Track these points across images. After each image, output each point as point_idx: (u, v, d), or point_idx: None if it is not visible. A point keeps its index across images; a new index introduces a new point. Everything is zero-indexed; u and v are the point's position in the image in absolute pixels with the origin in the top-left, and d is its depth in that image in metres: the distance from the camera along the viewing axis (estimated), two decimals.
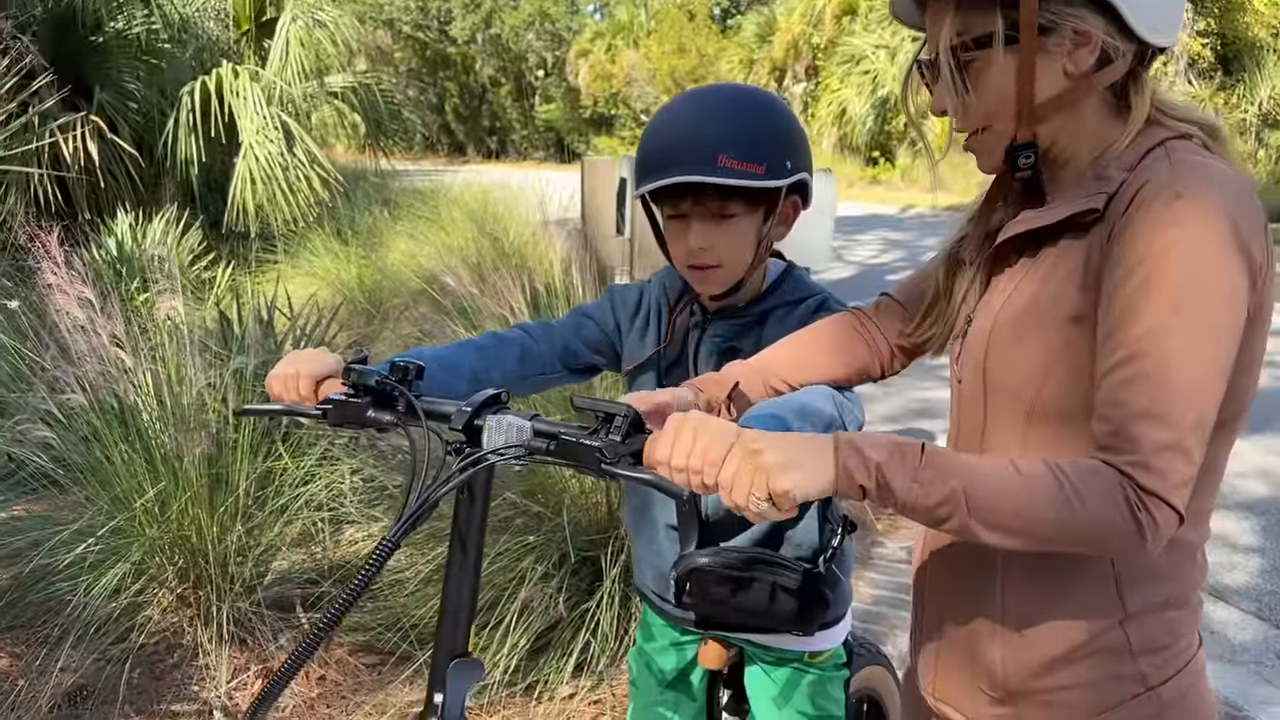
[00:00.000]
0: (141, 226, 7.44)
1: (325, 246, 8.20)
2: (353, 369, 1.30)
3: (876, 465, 0.98)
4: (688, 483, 1.02)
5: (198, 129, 8.66)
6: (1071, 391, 1.09)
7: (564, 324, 1.70)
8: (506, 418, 1.16)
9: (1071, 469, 0.98)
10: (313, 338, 4.39)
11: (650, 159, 1.48)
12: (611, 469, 1.07)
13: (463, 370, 1.54)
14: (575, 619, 2.93)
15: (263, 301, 4.23)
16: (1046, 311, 1.10)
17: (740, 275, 1.53)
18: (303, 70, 9.30)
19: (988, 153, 1.18)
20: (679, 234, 1.53)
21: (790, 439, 1.00)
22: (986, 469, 1.00)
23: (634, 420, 1.09)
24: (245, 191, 8.76)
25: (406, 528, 1.07)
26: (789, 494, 0.96)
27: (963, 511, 0.98)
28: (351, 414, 1.29)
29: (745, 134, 1.43)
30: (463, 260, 6.55)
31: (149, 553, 2.94)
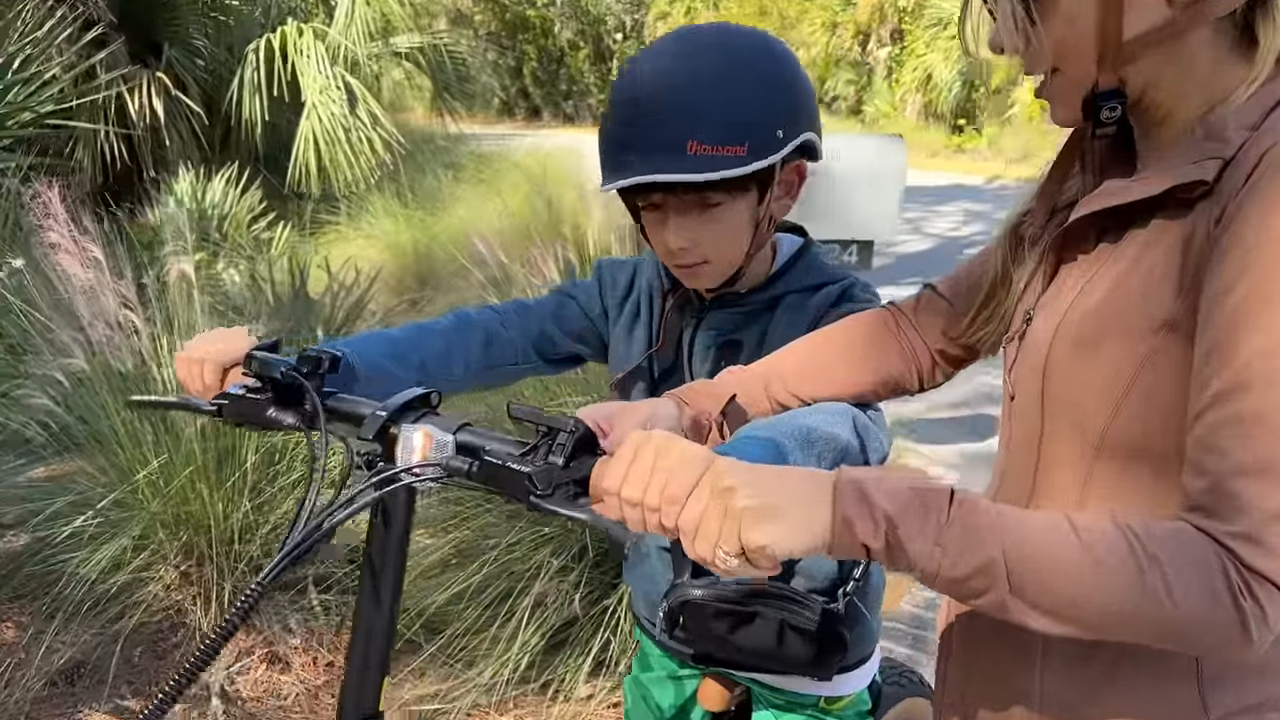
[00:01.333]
0: (202, 185, 7.41)
1: (386, 209, 8.09)
2: (254, 356, 1.09)
3: (887, 518, 0.74)
4: (642, 523, 0.79)
5: (262, 88, 8.60)
6: (1155, 423, 0.82)
7: (542, 305, 1.46)
8: (424, 427, 0.95)
9: (1153, 538, 0.73)
10: (349, 298, 4.22)
11: (608, 147, 1.22)
12: (541, 503, 0.84)
13: (412, 360, 1.32)
14: (595, 615, 2.72)
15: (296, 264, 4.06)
16: (1128, 314, 0.84)
17: (735, 266, 1.28)
18: (368, 29, 9.16)
19: (1062, 100, 0.91)
20: (656, 228, 1.27)
21: (775, 476, 0.77)
22: (1036, 532, 0.74)
23: (582, 438, 0.87)
24: (308, 152, 8.68)
25: (283, 565, 0.85)
26: (766, 550, 0.74)
27: (1001, 587, 0.74)
28: (249, 411, 1.09)
29: (720, 107, 1.15)
30: (517, 226, 6.37)
31: (151, 527, 2.81)
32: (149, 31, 8.50)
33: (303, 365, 1.06)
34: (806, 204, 1.33)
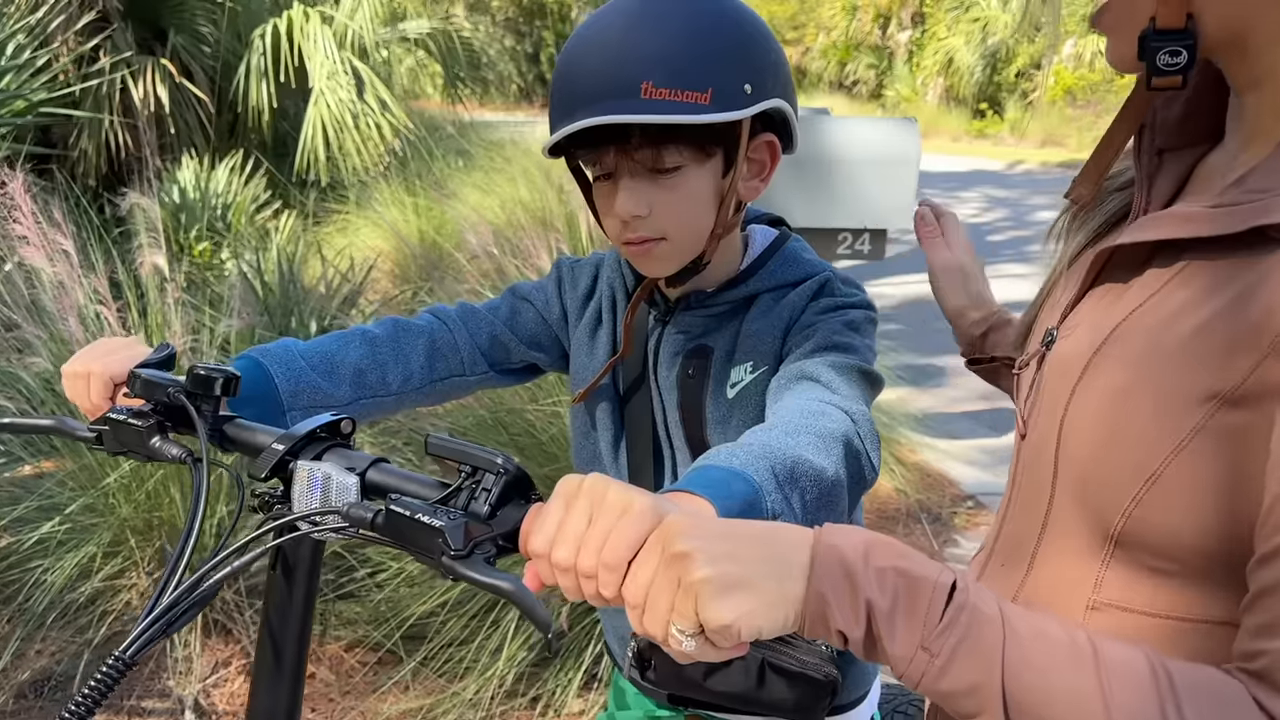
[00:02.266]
0: (206, 173, 7.30)
1: (394, 197, 7.96)
2: (138, 375, 0.95)
3: (869, 606, 0.60)
4: (577, 591, 0.64)
5: (269, 74, 8.48)
6: (1191, 516, 0.64)
7: (493, 310, 1.30)
8: (325, 465, 0.80)
9: (1192, 695, 0.57)
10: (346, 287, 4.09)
11: (555, 103, 1.07)
12: (455, 566, 0.69)
13: (343, 370, 1.17)
14: (586, 628, 2.58)
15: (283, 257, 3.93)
16: (1174, 371, 0.65)
17: (695, 250, 1.12)
18: (377, 14, 9.02)
19: (1116, 32, 0.74)
20: (607, 199, 1.11)
21: (738, 537, 0.62)
22: (1048, 652, 0.59)
23: (512, 481, 0.73)
24: (316, 139, 8.56)
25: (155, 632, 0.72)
26: (730, 629, 0.59)
27: (995, 716, 0.59)
28: (130, 439, 0.93)
29: (678, 51, 1.00)
30: (527, 214, 6.22)
31: (121, 533, 2.69)
32: (155, 19, 8.40)
33: (193, 386, 0.92)
34: (815, 191, 1.20)
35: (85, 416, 1.04)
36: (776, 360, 1.15)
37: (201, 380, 0.91)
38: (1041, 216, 12.16)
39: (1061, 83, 21.33)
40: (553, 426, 2.88)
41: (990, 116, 23.62)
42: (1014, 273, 8.66)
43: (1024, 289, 7.96)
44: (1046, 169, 18.00)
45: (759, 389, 1.14)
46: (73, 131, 7.55)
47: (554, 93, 1.08)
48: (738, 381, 1.17)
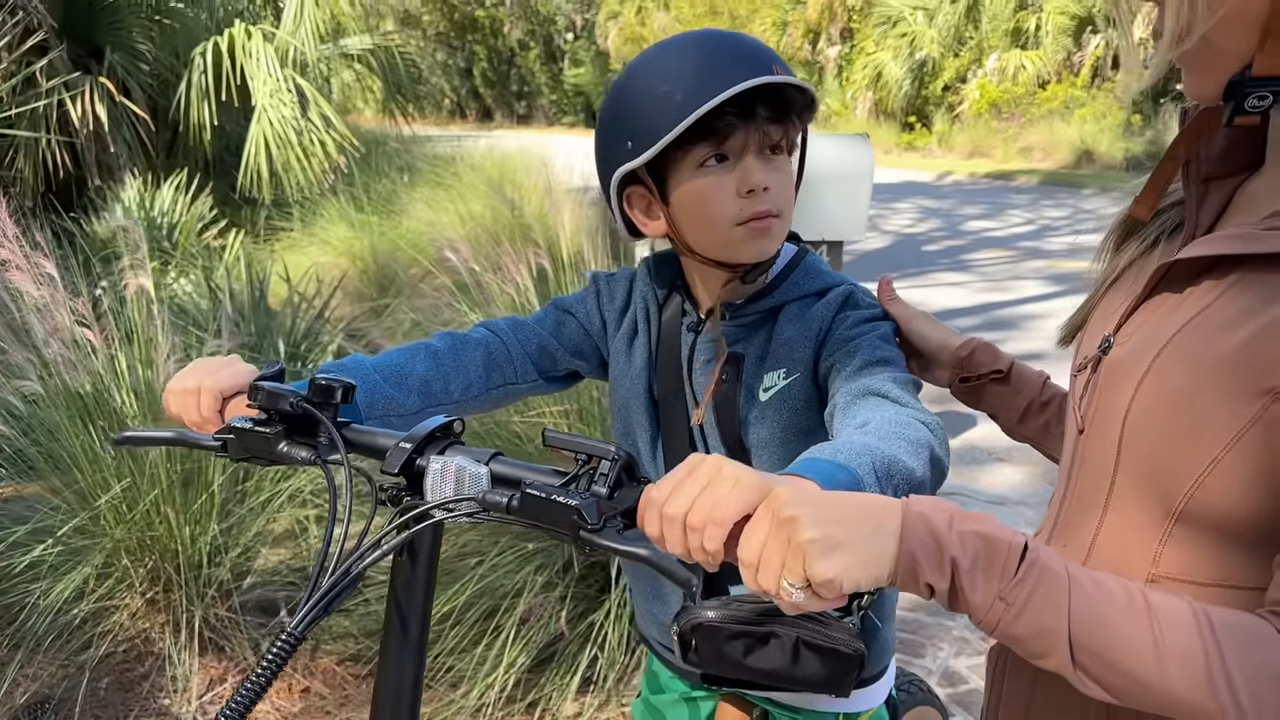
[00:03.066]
0: (151, 193, 7.21)
1: (341, 214, 7.93)
2: (260, 387, 1.01)
3: (954, 563, 0.69)
4: (682, 543, 0.74)
5: (210, 92, 8.40)
6: (1248, 497, 0.74)
7: (539, 322, 1.40)
8: (456, 459, 0.90)
9: (1230, 637, 0.68)
10: (311, 310, 4.11)
11: (668, 96, 1.12)
12: (593, 538, 0.79)
13: (412, 381, 1.26)
14: (582, 632, 2.66)
15: (256, 274, 3.93)
16: (1235, 371, 0.74)
17: (787, 230, 1.25)
18: (318, 31, 8.99)
19: (1204, 70, 0.79)
20: (722, 182, 1.17)
21: (840, 504, 0.71)
22: (1107, 606, 0.69)
23: (625, 465, 0.83)
24: (259, 156, 8.50)
25: (317, 612, 0.80)
26: (834, 582, 0.69)
27: (1063, 655, 0.69)
28: (257, 446, 1.01)
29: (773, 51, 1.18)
30: (479, 229, 6.27)
31: (115, 554, 2.69)
32: (91, 37, 8.26)
33: (315, 395, 0.99)
34: None
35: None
36: (807, 367, 1.24)
37: (323, 389, 0.99)
38: (973, 226, 12.52)
39: (986, 96, 21.94)
40: (538, 436, 2.95)
41: (919, 129, 24.19)
42: (950, 281, 8.92)
43: (961, 296, 8.23)
44: (974, 179, 18.51)
45: (792, 393, 1.24)
46: (8, 152, 7.39)
47: (657, 95, 1.14)
48: (771, 386, 1.26)
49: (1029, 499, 4.17)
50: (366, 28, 10.46)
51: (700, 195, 1.19)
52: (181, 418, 1.14)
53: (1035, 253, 10.35)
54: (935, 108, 24.15)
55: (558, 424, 2.97)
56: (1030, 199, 15.14)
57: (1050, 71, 21.52)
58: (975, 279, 9.05)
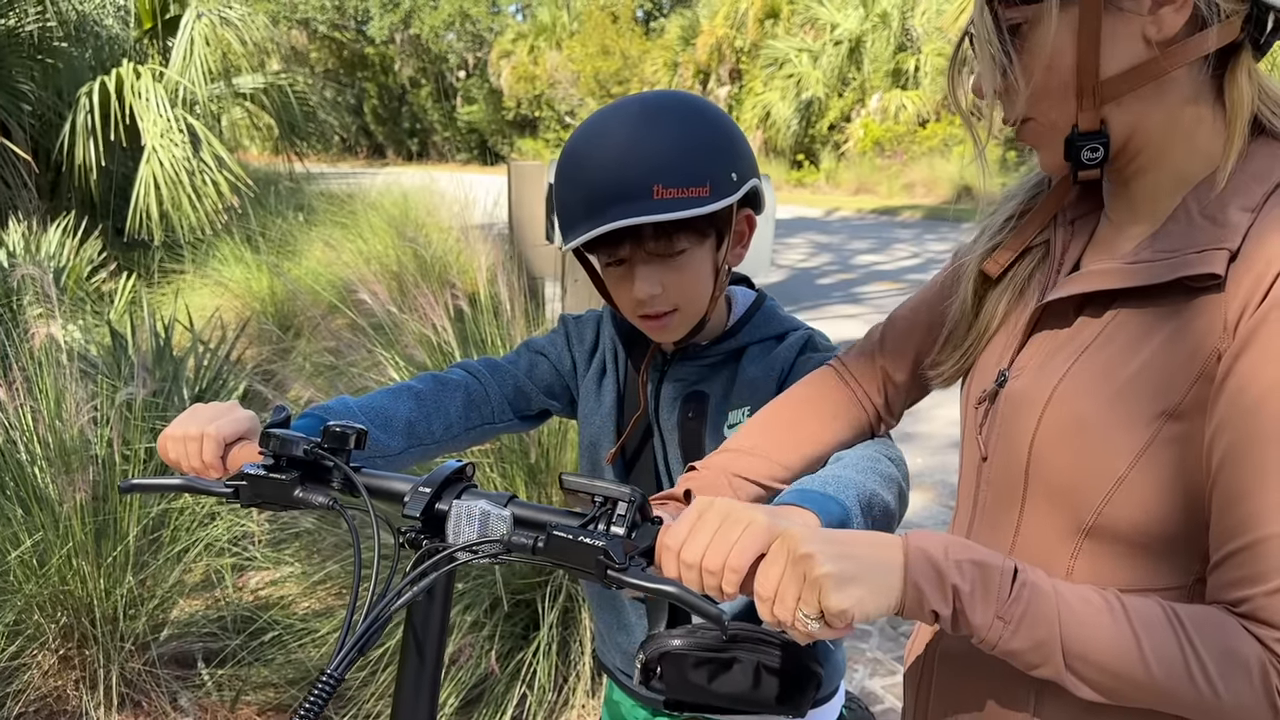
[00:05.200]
0: (36, 237, 6.96)
1: (235, 255, 7.78)
2: (273, 434, 1.03)
3: (955, 590, 0.77)
4: (700, 585, 0.82)
5: (97, 132, 8.17)
6: (1152, 509, 0.84)
7: (513, 363, 1.47)
8: (479, 503, 0.93)
9: (1199, 630, 0.77)
10: (216, 358, 4.05)
11: (571, 206, 1.24)
12: (621, 577, 0.83)
13: (397, 423, 1.30)
14: (510, 671, 2.68)
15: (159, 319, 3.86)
16: (1128, 400, 0.84)
17: (701, 313, 1.31)
18: (209, 70, 8.84)
19: (1044, 144, 0.91)
20: (622, 282, 1.29)
21: (849, 541, 0.79)
22: (1093, 612, 0.78)
23: (641, 507, 0.88)
24: (149, 197, 8.28)
25: (354, 654, 0.82)
26: (846, 613, 0.75)
27: (1056, 663, 0.78)
28: (272, 493, 1.03)
29: (678, 153, 1.19)
30: (382, 269, 6.24)
31: (26, 610, 2.61)
32: None
33: (329, 441, 1.02)
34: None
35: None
36: None
37: (336, 435, 1.02)
38: (862, 260, 12.96)
39: (870, 134, 22.77)
40: None
41: (807, 167, 24.94)
42: (844, 313, 9.23)
43: (855, 328, 8.51)
44: (861, 215, 19.14)
45: None
46: None
47: (567, 197, 1.24)
48: (735, 423, 1.33)
49: (926, 521, 4.36)
50: (256, 66, 10.32)
51: (608, 285, 1.33)
52: (180, 464, 1.15)
53: (922, 284, 10.76)
54: (822, 146, 24.94)
55: (481, 463, 3.01)
56: (915, 233, 15.75)
57: (930, 110, 22.44)
58: (868, 310, 9.38)
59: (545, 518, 0.91)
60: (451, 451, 1.43)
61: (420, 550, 0.93)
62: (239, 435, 1.16)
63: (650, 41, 34.08)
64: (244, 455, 1.14)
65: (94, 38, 9.68)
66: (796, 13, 26.28)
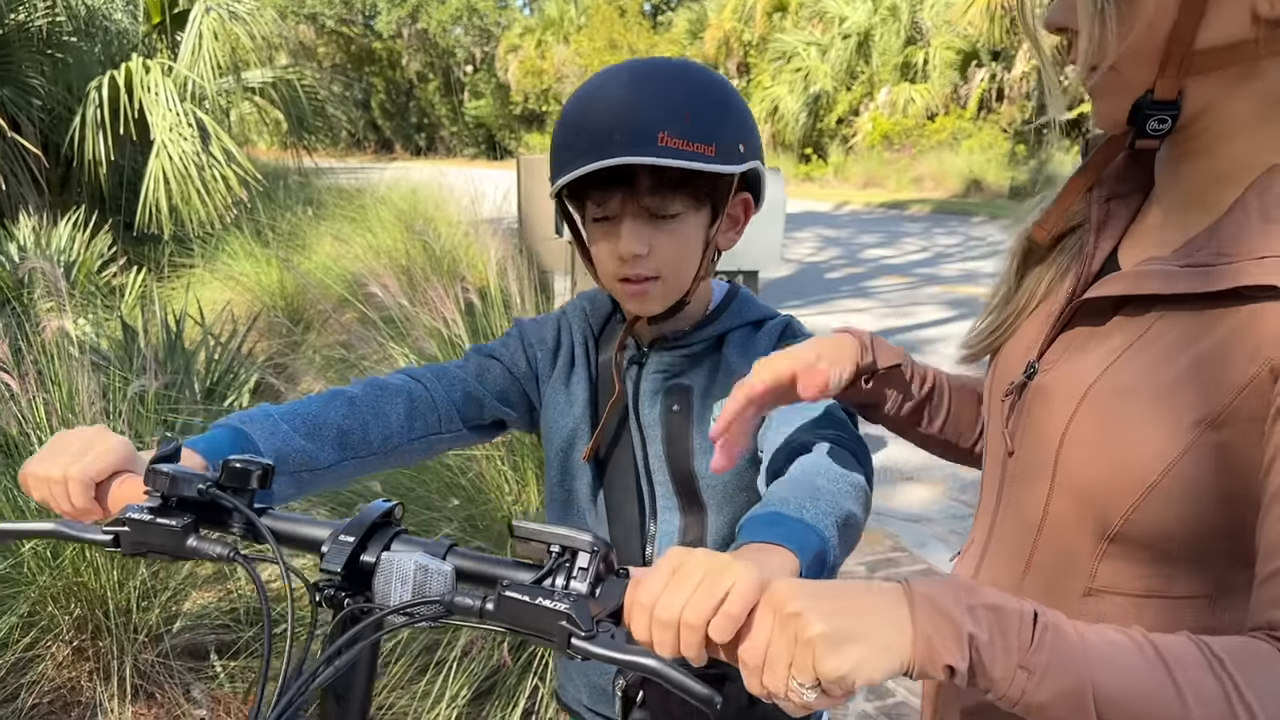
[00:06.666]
0: (47, 231, 6.99)
1: (244, 249, 7.79)
2: (160, 472, 0.86)
3: (971, 638, 0.68)
4: (674, 647, 0.69)
5: (107, 126, 8.19)
6: (1183, 517, 0.79)
7: (463, 368, 1.32)
8: (413, 555, 0.78)
9: (1239, 666, 0.68)
10: (227, 351, 4.05)
11: (568, 143, 1.14)
12: (588, 647, 0.69)
13: (327, 431, 1.15)
14: (524, 661, 2.69)
15: (170, 312, 3.87)
16: (1167, 404, 0.79)
17: (684, 290, 1.21)
18: (217, 64, 8.86)
19: (1111, 98, 0.84)
20: (606, 239, 1.19)
21: (843, 594, 0.69)
22: (1123, 658, 0.69)
23: (604, 556, 0.74)
24: (158, 191, 8.31)
25: None
26: (847, 679, 0.66)
27: (1086, 716, 0.68)
28: (161, 540, 0.85)
29: (690, 107, 1.10)
30: (391, 263, 6.24)
31: (40, 602, 2.62)
32: None
33: (228, 479, 0.86)
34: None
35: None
36: None
37: (237, 473, 0.86)
38: (871, 254, 12.94)
39: (878, 128, 22.71)
40: (471, 469, 2.99)
41: (815, 161, 24.89)
42: (853, 307, 9.22)
43: (863, 322, 8.51)
44: (870, 209, 19.11)
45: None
46: None
47: (565, 136, 1.14)
48: None
49: (936, 515, 4.35)
50: (264, 60, 10.33)
51: (592, 244, 1.23)
52: (48, 505, 0.98)
53: (931, 279, 10.75)
54: (830, 140, 24.91)
55: (491, 455, 3.02)
56: (923, 227, 15.72)
57: (938, 104, 22.41)
58: (876, 305, 9.37)
59: (494, 571, 0.78)
60: (400, 465, 1.29)
61: (343, 612, 0.78)
62: (113, 469, 0.97)
63: (658, 35, 34.04)
64: (125, 493, 0.96)
65: (103, 32, 9.71)
66: (805, 6, 26.21)
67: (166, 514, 0.86)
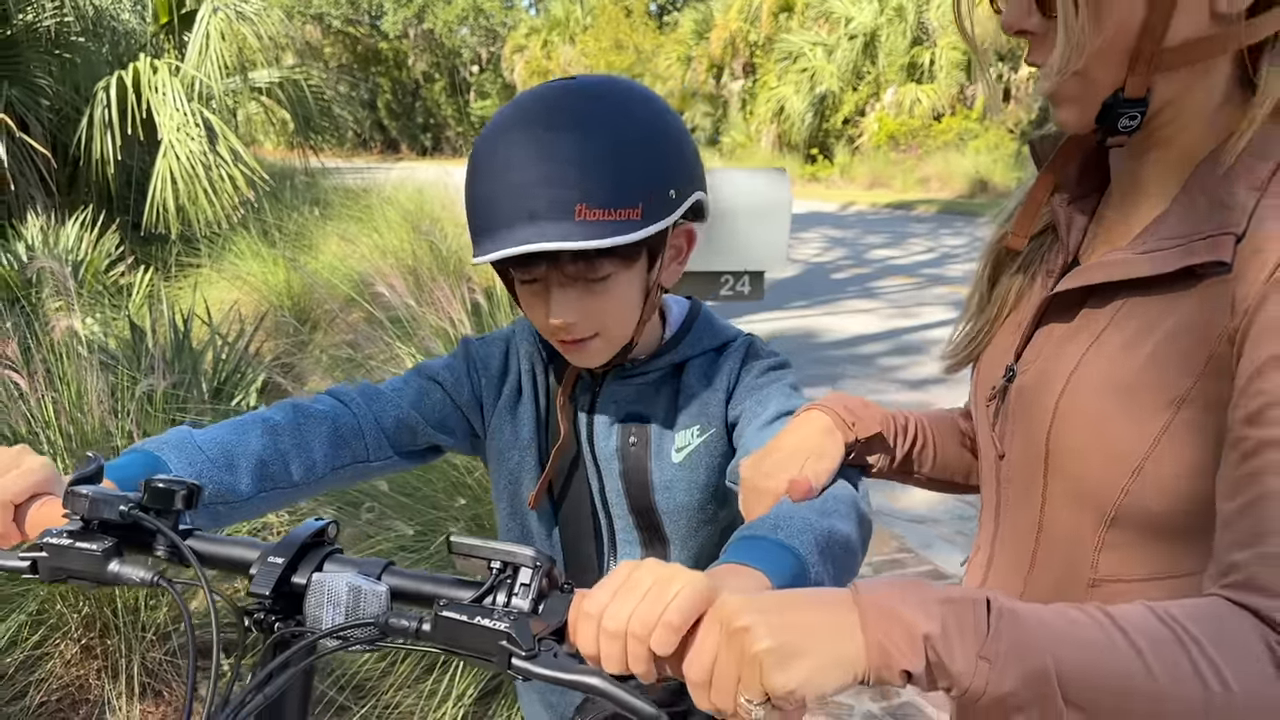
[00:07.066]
0: (54, 230, 7.01)
1: (251, 249, 7.81)
2: (79, 494, 0.82)
3: (926, 638, 0.65)
4: (622, 661, 0.67)
5: (114, 126, 8.22)
6: (1171, 495, 0.82)
7: (398, 391, 1.23)
8: (344, 576, 0.76)
9: (1198, 625, 0.68)
10: (234, 351, 4.07)
11: (481, 216, 1.04)
12: (529, 667, 0.66)
13: (244, 461, 1.07)
14: None
15: (178, 312, 3.89)
16: (1140, 389, 0.81)
17: (625, 341, 1.15)
18: (224, 64, 8.88)
19: (1079, 101, 0.84)
20: (536, 301, 1.11)
21: (790, 607, 0.67)
22: (1084, 636, 0.68)
23: (549, 573, 0.72)
24: (165, 191, 8.33)
25: None
26: (795, 694, 0.64)
27: (1053, 698, 0.66)
28: (80, 565, 0.81)
29: (608, 168, 1.00)
30: (398, 263, 6.26)
31: (49, 600, 2.64)
32: None
33: (151, 501, 0.82)
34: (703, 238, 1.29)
35: None
36: (722, 422, 1.21)
37: (161, 494, 0.82)
38: (877, 254, 12.93)
39: (885, 128, 22.70)
40: (477, 468, 2.99)
41: (821, 161, 24.88)
42: (859, 308, 9.21)
43: (869, 322, 8.51)
44: (876, 209, 19.10)
45: (709, 449, 1.20)
46: None
47: (479, 206, 1.05)
48: (685, 445, 1.20)
49: (941, 516, 4.35)
50: (271, 60, 10.36)
51: (522, 303, 1.15)
52: None
53: (937, 279, 10.74)
54: (836, 140, 24.89)
55: None
56: (930, 228, 15.71)
57: (945, 104, 22.39)
58: (882, 305, 9.36)
59: (431, 589, 0.76)
60: (323, 493, 1.22)
61: (273, 637, 0.76)
62: (32, 491, 0.92)
63: (664, 35, 34.06)
64: (45, 516, 0.90)
65: (111, 32, 9.76)
66: (811, 6, 26.20)
67: (87, 538, 0.81)
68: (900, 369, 6.94)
